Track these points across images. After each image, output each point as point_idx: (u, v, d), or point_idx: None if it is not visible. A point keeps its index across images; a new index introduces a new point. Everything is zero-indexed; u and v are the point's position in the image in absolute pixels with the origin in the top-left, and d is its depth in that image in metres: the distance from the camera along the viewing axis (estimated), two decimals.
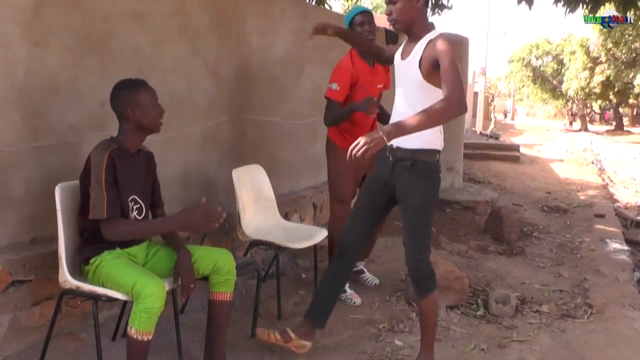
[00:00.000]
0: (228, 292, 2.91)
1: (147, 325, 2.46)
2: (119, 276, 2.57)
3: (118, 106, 2.73)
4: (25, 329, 2.97)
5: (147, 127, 2.78)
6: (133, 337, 2.47)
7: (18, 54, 2.95)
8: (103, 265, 2.63)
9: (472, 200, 7.64)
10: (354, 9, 3.98)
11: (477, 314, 3.95)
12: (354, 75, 3.85)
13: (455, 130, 8.34)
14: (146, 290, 2.44)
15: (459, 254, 5.46)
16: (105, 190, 2.56)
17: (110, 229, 2.59)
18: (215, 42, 4.31)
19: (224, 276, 2.88)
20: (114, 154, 2.63)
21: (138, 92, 2.74)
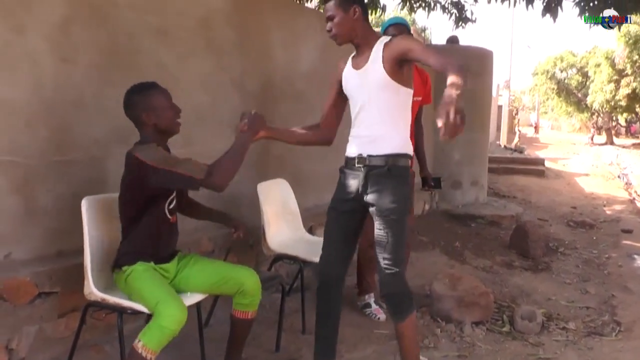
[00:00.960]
0: (251, 311, 2.89)
1: (156, 344, 2.37)
2: (145, 290, 2.53)
3: (132, 113, 2.69)
4: (51, 340, 2.97)
5: (165, 129, 2.72)
6: (138, 351, 2.36)
7: (46, 70, 2.97)
8: (133, 277, 2.60)
9: (497, 215, 7.59)
10: (389, 20, 3.95)
11: (503, 330, 3.89)
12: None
13: (479, 144, 8.28)
14: (168, 310, 2.39)
15: (484, 269, 5.40)
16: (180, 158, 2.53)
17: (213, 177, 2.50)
18: (240, 56, 4.31)
19: (248, 298, 2.85)
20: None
21: (150, 95, 2.68)
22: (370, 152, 2.78)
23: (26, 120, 2.90)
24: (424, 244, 6.10)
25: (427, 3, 8.92)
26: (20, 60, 2.86)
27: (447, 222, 7.25)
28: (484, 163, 8.65)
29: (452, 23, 8.93)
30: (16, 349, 2.81)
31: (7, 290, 2.75)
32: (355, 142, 2.86)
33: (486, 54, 8.44)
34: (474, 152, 8.19)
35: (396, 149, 2.78)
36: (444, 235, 6.60)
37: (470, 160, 8.15)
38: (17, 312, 2.80)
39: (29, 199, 2.95)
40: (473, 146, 8.15)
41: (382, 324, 3.88)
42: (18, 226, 2.92)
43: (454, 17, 8.92)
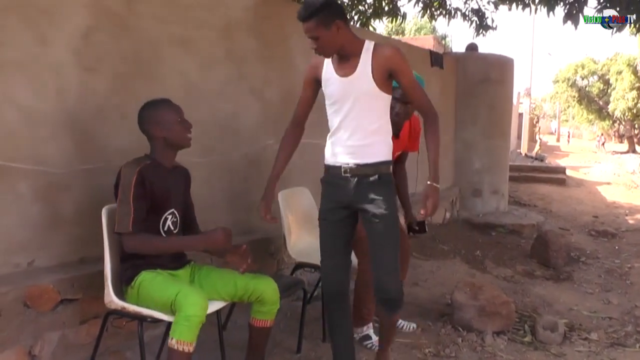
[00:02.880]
0: (269, 319, 2.88)
1: (189, 334, 2.38)
2: (160, 290, 2.52)
3: (143, 127, 2.74)
4: (73, 347, 2.97)
5: (174, 143, 2.76)
6: (174, 347, 2.38)
7: (69, 80, 2.99)
8: (143, 285, 2.59)
9: (518, 224, 7.51)
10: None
11: (525, 340, 3.82)
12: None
13: (500, 152, 8.20)
14: (188, 299, 2.39)
15: (505, 279, 5.33)
16: (132, 204, 2.54)
17: (132, 241, 2.57)
18: (261, 65, 4.31)
19: (267, 307, 2.83)
20: (146, 169, 2.62)
21: (159, 110, 2.73)
22: (359, 161, 2.76)
23: (50, 130, 2.92)
24: (444, 252, 6.05)
25: (447, 11, 8.89)
26: (45, 70, 2.89)
27: (467, 231, 7.20)
28: (505, 171, 8.55)
29: (473, 30, 8.88)
30: (39, 354, 2.82)
31: (31, 297, 2.76)
32: (341, 151, 2.83)
33: (507, 61, 8.36)
34: (494, 161, 8.12)
35: (384, 156, 2.79)
36: (465, 244, 6.54)
37: (491, 169, 8.07)
38: (40, 319, 2.81)
39: (52, 207, 2.97)
40: (494, 154, 8.09)
41: (403, 334, 3.83)
42: (41, 234, 2.93)
43: (474, 25, 8.87)
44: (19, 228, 2.84)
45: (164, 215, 2.74)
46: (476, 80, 7.88)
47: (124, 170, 2.62)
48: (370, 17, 9.09)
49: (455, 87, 7.88)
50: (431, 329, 3.94)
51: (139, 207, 2.57)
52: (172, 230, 2.78)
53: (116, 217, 2.57)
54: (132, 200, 2.54)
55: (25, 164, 2.83)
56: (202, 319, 2.42)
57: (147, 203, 2.61)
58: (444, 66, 7.34)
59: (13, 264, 2.84)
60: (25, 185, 2.85)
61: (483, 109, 7.93)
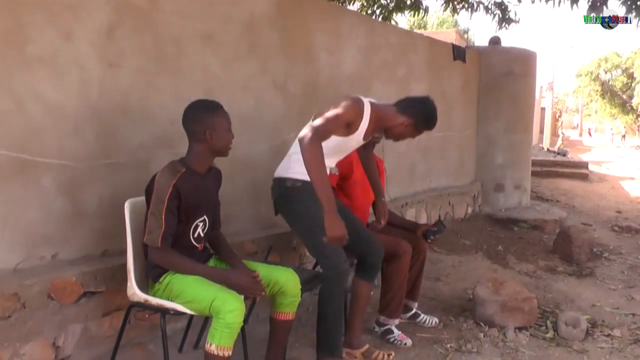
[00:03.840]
0: (291, 312, 2.85)
1: (228, 340, 2.38)
2: (195, 292, 2.49)
3: (193, 127, 2.66)
4: (96, 339, 2.98)
5: (218, 151, 2.72)
6: (213, 353, 2.38)
7: (93, 75, 2.98)
8: (174, 282, 2.57)
9: (540, 219, 7.39)
10: None
11: (547, 336, 3.77)
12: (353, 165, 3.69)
13: (522, 146, 8.10)
14: (227, 306, 2.37)
15: (527, 274, 5.26)
16: (164, 219, 2.51)
17: (160, 256, 2.55)
18: (284, 60, 4.28)
19: (288, 299, 2.81)
20: (181, 181, 2.56)
21: (217, 115, 2.67)
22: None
23: (74, 125, 2.92)
24: (466, 247, 5.99)
25: (470, 4, 8.79)
26: (68, 66, 2.88)
27: (489, 226, 7.12)
28: (527, 166, 8.44)
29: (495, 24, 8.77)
30: (62, 346, 2.83)
31: (54, 289, 2.77)
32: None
33: (529, 55, 8.22)
34: (517, 155, 8.00)
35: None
36: (487, 239, 6.48)
37: (513, 164, 7.97)
38: (63, 311, 2.82)
39: (76, 201, 2.97)
40: (516, 149, 7.97)
41: (424, 328, 3.80)
42: (65, 227, 2.94)
43: (497, 18, 8.75)
44: (43, 221, 2.84)
45: (195, 223, 2.71)
46: (499, 74, 7.76)
47: (159, 179, 2.56)
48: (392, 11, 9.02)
49: (478, 81, 7.78)
50: (453, 324, 3.90)
51: (170, 222, 2.54)
52: (201, 236, 2.76)
53: (146, 227, 2.54)
54: (164, 214, 2.51)
55: (49, 158, 2.83)
56: (241, 324, 2.42)
57: (179, 214, 2.59)
58: (466, 60, 7.26)
59: (38, 257, 2.85)
60: (49, 180, 2.85)
61: (506, 104, 7.82)
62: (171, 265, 2.58)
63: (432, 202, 6.45)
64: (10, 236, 2.73)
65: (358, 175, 3.70)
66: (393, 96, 5.30)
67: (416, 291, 3.87)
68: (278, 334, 2.90)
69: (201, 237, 2.77)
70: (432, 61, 6.51)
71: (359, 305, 3.33)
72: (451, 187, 7.09)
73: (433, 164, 6.72)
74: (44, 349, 2.76)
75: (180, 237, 2.63)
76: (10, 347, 2.62)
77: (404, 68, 5.97)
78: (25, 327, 2.66)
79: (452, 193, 6.97)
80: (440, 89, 6.73)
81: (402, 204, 5.76)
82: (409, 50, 6.06)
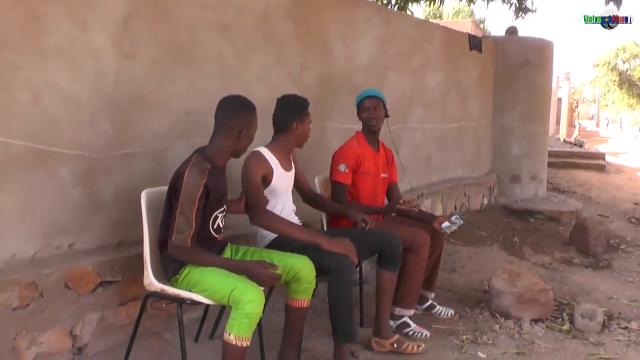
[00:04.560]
0: (305, 299, 2.85)
1: (247, 331, 2.38)
2: (214, 283, 2.49)
3: (231, 122, 2.64)
4: (112, 328, 2.99)
5: (238, 151, 2.73)
6: (232, 343, 2.38)
7: (108, 66, 2.98)
8: (194, 272, 2.57)
9: (557, 211, 7.34)
10: (365, 92, 3.78)
11: (563, 328, 3.74)
12: (360, 157, 3.64)
13: (539, 137, 8.04)
14: (246, 297, 2.36)
15: (543, 266, 5.23)
16: (194, 219, 2.50)
17: (181, 254, 2.54)
18: (299, 50, 4.25)
19: (304, 285, 2.80)
20: (210, 179, 2.56)
21: (255, 117, 2.72)
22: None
23: (90, 115, 2.92)
24: (482, 238, 5.96)
25: None
26: (84, 56, 2.88)
27: (505, 217, 7.07)
28: (544, 157, 8.36)
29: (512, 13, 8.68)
30: (79, 335, 2.85)
31: (71, 278, 2.78)
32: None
33: (546, 44, 8.12)
34: (533, 146, 7.93)
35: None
36: (503, 230, 6.44)
37: (530, 154, 7.90)
38: (80, 300, 2.83)
39: (92, 191, 2.97)
40: (532, 140, 7.90)
41: (440, 320, 3.78)
42: (82, 217, 2.95)
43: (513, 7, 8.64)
44: (59, 211, 2.85)
45: (215, 214, 2.71)
46: (515, 64, 7.68)
47: (188, 177, 2.52)
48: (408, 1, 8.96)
49: (494, 71, 7.71)
50: (468, 316, 3.88)
51: (199, 222, 2.54)
52: (220, 227, 2.77)
53: (174, 226, 2.50)
54: (194, 214, 2.50)
55: (66, 148, 2.84)
56: (260, 315, 2.41)
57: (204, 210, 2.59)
58: (482, 50, 7.19)
59: (54, 247, 2.86)
60: (66, 170, 2.85)
61: (522, 94, 7.74)
62: (196, 261, 2.58)
63: (447, 193, 6.42)
64: (28, 226, 2.74)
65: (367, 167, 3.68)
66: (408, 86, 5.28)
67: (433, 282, 3.84)
68: (293, 321, 2.89)
69: (220, 228, 2.77)
70: (448, 51, 6.46)
71: (385, 296, 3.34)
72: (467, 178, 7.05)
73: (449, 154, 6.68)
74: (61, 338, 2.78)
75: (201, 230, 2.62)
76: (29, 335, 2.64)
77: (420, 58, 5.92)
78: (42, 316, 2.68)
79: (468, 184, 6.93)
80: (456, 79, 6.68)
81: (418, 195, 5.72)
82: (424, 40, 6.01)
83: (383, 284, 3.33)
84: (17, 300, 2.59)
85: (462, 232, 5.85)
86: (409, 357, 3.25)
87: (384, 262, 3.30)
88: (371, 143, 3.75)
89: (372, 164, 3.70)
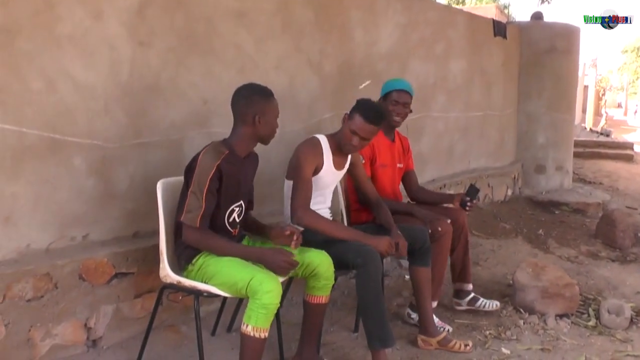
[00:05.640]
0: (324, 295, 2.81)
1: (265, 322, 2.36)
2: (231, 273, 2.46)
3: (244, 109, 2.64)
4: (128, 320, 3.00)
5: (263, 137, 2.71)
6: (250, 334, 2.36)
7: (123, 54, 2.96)
8: (209, 263, 2.55)
9: (583, 202, 7.21)
10: (398, 83, 3.67)
11: (588, 324, 3.67)
12: (375, 147, 3.57)
13: (565, 126, 7.91)
14: (264, 287, 2.34)
15: (569, 259, 5.14)
16: (205, 199, 2.49)
17: (193, 235, 2.52)
18: (319, 38, 4.20)
19: (322, 282, 2.77)
20: (224, 163, 2.55)
21: (270, 102, 2.69)
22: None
23: (104, 104, 2.90)
24: (506, 231, 5.88)
25: None
26: (98, 45, 2.86)
27: (530, 209, 6.98)
28: (570, 147, 8.23)
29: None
30: (94, 327, 2.86)
31: (86, 270, 2.79)
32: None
33: (573, 30, 7.95)
34: (559, 135, 7.80)
35: None
36: (527, 222, 6.36)
37: (555, 144, 7.78)
38: (95, 292, 2.84)
39: (107, 181, 2.97)
40: (558, 129, 7.77)
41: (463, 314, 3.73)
42: (96, 207, 2.94)
43: None
44: (74, 202, 2.85)
45: (231, 208, 2.69)
46: (541, 50, 7.54)
47: (202, 158, 2.53)
48: None
49: (519, 57, 7.59)
50: (492, 311, 3.80)
51: (210, 203, 2.53)
52: (236, 221, 2.75)
53: (185, 206, 2.51)
54: (205, 194, 2.49)
55: (80, 138, 2.83)
56: (278, 306, 2.39)
57: (218, 199, 2.57)
58: (507, 36, 7.08)
59: (69, 238, 2.86)
60: (80, 159, 2.84)
61: (548, 81, 7.61)
62: (207, 246, 2.56)
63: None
64: (42, 216, 2.74)
65: (383, 159, 3.62)
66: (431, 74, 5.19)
67: (467, 272, 3.75)
68: (312, 318, 2.87)
69: (236, 222, 2.75)
70: (472, 37, 6.36)
71: (424, 293, 3.27)
72: (491, 168, 6.97)
73: (472, 144, 6.60)
74: (75, 330, 2.80)
75: (215, 222, 2.61)
76: (43, 327, 2.66)
77: (443, 45, 5.83)
78: (57, 307, 2.70)
79: (491, 174, 6.84)
80: (480, 66, 6.58)
81: (440, 186, 5.67)
82: (447, 27, 5.91)
83: (420, 281, 3.27)
84: (32, 291, 2.61)
85: (485, 225, 5.82)
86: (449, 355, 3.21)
87: (416, 258, 3.24)
88: (387, 134, 3.70)
89: (388, 155, 3.66)
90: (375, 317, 2.83)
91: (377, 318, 2.83)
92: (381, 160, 3.60)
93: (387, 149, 3.65)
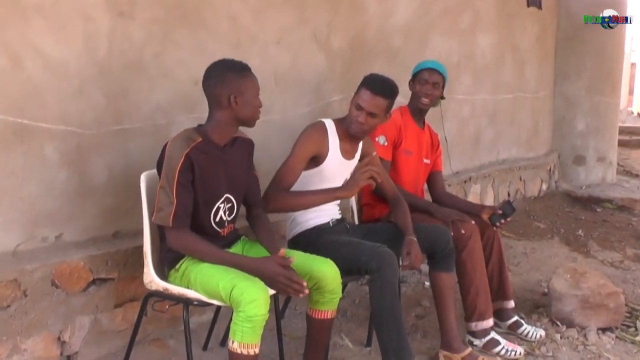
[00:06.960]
0: (329, 310, 2.79)
1: (252, 336, 2.33)
2: (211, 281, 2.45)
3: (216, 90, 2.59)
4: (107, 333, 2.99)
5: (244, 120, 2.66)
6: (237, 351, 2.33)
7: (100, 26, 2.93)
8: (190, 269, 2.55)
9: (629, 199, 7.27)
10: (429, 62, 3.73)
11: (636, 339, 3.69)
12: (402, 130, 3.57)
13: (608, 111, 7.97)
14: (246, 297, 2.31)
15: (613, 264, 5.19)
16: (176, 194, 2.46)
17: (175, 239, 2.52)
18: (326, 8, 4.19)
19: (326, 296, 2.74)
20: (195, 152, 2.51)
21: (245, 78, 2.62)
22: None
23: (79, 84, 2.88)
24: (540, 231, 5.95)
25: None
26: (71, 15, 2.83)
27: (568, 206, 7.05)
28: (614, 135, 8.25)
29: None
30: (69, 341, 2.85)
31: (59, 275, 2.77)
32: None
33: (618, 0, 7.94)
34: (601, 121, 7.86)
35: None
36: (565, 221, 6.42)
37: (597, 131, 7.83)
38: (69, 301, 2.83)
39: (82, 173, 2.95)
40: (600, 114, 7.83)
41: None
42: (70, 204, 2.92)
43: None
44: (45, 197, 2.83)
45: (216, 205, 2.67)
46: (581, 22, 7.53)
47: (170, 148, 2.52)
48: None
49: (556, 31, 7.65)
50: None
51: (183, 198, 2.49)
52: (224, 220, 2.72)
53: (155, 204, 2.50)
54: (175, 188, 2.46)
55: (51, 123, 2.80)
56: (266, 317, 2.35)
57: (195, 192, 2.55)
58: (542, 6, 7.11)
59: (40, 238, 2.85)
60: (52, 148, 2.82)
61: (589, 58, 7.65)
62: (190, 250, 2.55)
63: (500, 177, 6.37)
64: (7, 214, 2.72)
65: (408, 145, 3.61)
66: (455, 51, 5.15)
67: (505, 286, 3.65)
68: (316, 334, 2.86)
69: (224, 222, 2.72)
70: (502, 8, 6.37)
71: (446, 301, 3.24)
72: (523, 159, 7.00)
73: (501, 131, 6.61)
74: (48, 344, 2.78)
75: (199, 223, 2.59)
76: (10, 341, 2.64)
77: (469, 17, 5.82)
78: (26, 318, 2.68)
79: (523, 166, 6.87)
80: (511, 42, 6.60)
81: (465, 179, 5.69)
82: None
83: (441, 288, 3.24)
84: None
85: (516, 224, 5.84)
86: None
87: (437, 262, 3.22)
88: (416, 120, 3.70)
89: (414, 142, 3.65)
90: (391, 329, 2.82)
91: (394, 330, 2.81)
92: (406, 145, 3.59)
93: (414, 135, 3.66)
